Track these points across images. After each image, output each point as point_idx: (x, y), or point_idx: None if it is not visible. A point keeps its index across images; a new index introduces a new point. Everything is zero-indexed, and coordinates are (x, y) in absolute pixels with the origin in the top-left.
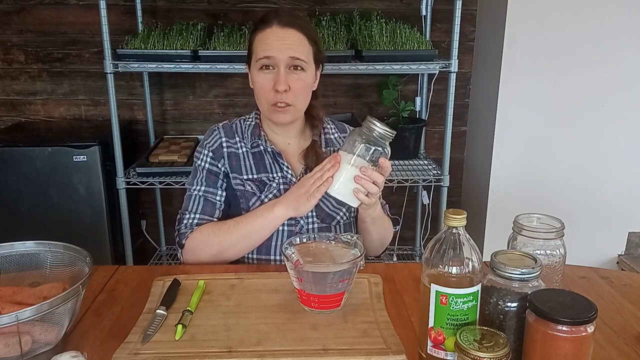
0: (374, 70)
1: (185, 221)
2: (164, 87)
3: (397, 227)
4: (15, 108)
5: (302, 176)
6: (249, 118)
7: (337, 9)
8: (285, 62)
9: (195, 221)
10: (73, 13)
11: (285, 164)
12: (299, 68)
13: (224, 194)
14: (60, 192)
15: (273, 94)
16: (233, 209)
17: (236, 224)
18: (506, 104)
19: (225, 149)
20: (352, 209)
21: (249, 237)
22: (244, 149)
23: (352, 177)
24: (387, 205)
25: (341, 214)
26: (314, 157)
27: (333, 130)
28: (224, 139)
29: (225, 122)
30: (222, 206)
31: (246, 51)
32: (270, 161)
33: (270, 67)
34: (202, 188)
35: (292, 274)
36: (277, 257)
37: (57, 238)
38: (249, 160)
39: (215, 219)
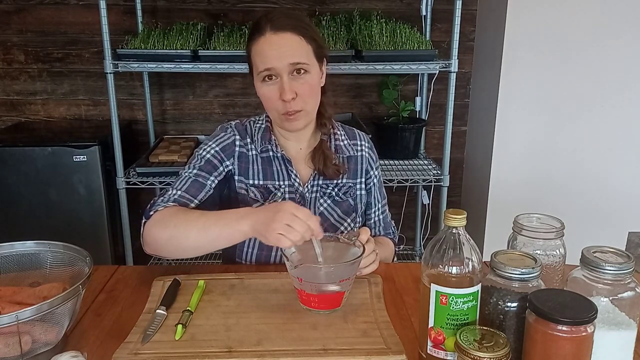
0: (374, 70)
1: (165, 196)
2: (164, 87)
3: (401, 245)
4: (15, 108)
5: (313, 180)
6: (258, 120)
7: (337, 9)
8: (286, 70)
9: (176, 197)
10: (73, 13)
11: (294, 171)
12: (302, 71)
13: (217, 181)
14: (60, 192)
15: (281, 104)
16: None
17: (200, 215)
18: (506, 104)
19: (237, 148)
20: (358, 220)
21: (204, 235)
22: (253, 152)
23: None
24: (393, 221)
25: (345, 224)
26: (321, 157)
27: (343, 137)
28: (237, 137)
29: (237, 121)
30: (212, 192)
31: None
32: (279, 168)
33: (273, 77)
34: (195, 171)
35: (292, 274)
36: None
37: (57, 238)
38: (257, 165)
39: (197, 201)
